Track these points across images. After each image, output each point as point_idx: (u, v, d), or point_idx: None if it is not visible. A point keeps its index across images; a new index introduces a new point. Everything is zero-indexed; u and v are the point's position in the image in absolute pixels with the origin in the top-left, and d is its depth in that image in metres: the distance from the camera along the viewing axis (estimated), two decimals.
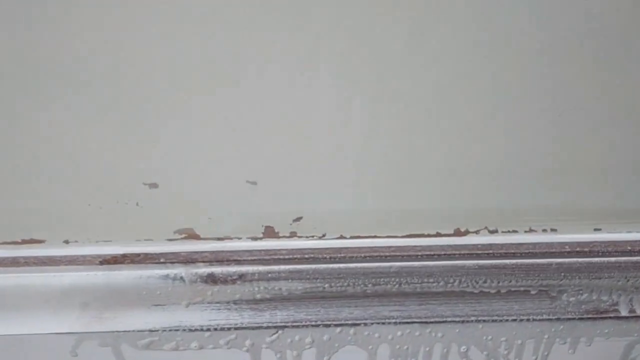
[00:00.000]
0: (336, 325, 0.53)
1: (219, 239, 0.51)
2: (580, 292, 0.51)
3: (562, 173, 0.49)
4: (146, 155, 0.46)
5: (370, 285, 0.51)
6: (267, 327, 0.53)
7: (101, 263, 0.50)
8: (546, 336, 0.54)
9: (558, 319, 0.52)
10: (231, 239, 0.51)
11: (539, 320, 0.53)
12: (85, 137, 0.45)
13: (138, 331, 0.52)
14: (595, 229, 0.51)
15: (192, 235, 0.51)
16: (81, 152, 0.46)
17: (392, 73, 0.43)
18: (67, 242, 0.50)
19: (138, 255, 0.50)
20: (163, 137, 0.46)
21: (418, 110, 0.45)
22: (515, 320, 0.52)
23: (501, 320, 0.52)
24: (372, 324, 0.52)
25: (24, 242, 0.50)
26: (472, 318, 0.52)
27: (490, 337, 0.54)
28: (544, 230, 0.51)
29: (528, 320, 0.52)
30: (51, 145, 0.45)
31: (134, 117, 0.44)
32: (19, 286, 0.50)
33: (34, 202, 0.48)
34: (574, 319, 0.52)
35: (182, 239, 0.51)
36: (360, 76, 0.43)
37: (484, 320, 0.52)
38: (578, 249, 0.50)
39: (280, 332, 0.53)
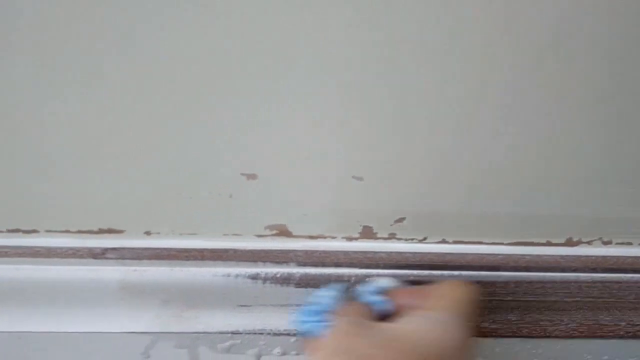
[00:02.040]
0: None
1: (311, 237, 0.47)
2: None
3: None
4: (245, 145, 0.42)
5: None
6: None
7: (186, 258, 0.46)
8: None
9: None
10: (325, 237, 0.47)
11: None
12: (180, 122, 0.41)
13: (220, 333, 0.48)
14: None
15: (283, 232, 0.47)
16: (172, 140, 0.42)
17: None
18: (148, 233, 0.46)
19: (226, 251, 0.46)
20: (264, 125, 0.42)
21: (535, 114, 0.42)
22: (622, 337, 0.49)
23: (608, 337, 0.49)
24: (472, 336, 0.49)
25: (101, 231, 0.46)
26: (577, 334, 0.49)
27: (590, 355, 0.50)
28: None
29: (634, 338, 0.49)
30: (139, 129, 0.41)
31: (234, 104, 0.41)
32: (94, 280, 0.46)
33: (114, 187, 0.44)
34: None
35: (272, 235, 0.47)
36: (486, 80, 0.40)
37: (588, 337, 0.49)
38: None
39: None
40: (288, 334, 0.48)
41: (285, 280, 0.46)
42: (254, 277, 0.46)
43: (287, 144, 0.42)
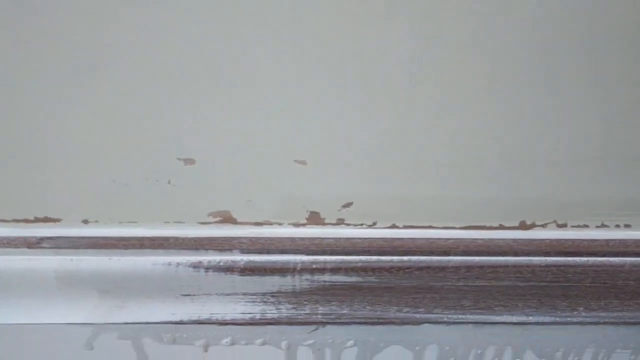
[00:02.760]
0: (382, 324, 0.48)
1: (257, 223, 0.46)
2: None
3: (636, 164, 0.44)
4: (182, 129, 0.41)
5: (424, 280, 0.46)
6: (306, 323, 0.47)
7: (125, 247, 0.44)
8: (609, 341, 0.49)
9: (625, 323, 0.48)
10: (271, 224, 0.46)
11: (603, 323, 0.48)
12: (113, 106, 0.39)
13: (163, 323, 0.46)
14: None
15: (227, 219, 0.45)
16: (107, 123, 0.40)
17: (457, 61, 0.38)
18: (86, 222, 0.44)
19: (167, 239, 0.44)
20: (202, 108, 0.40)
21: (482, 94, 0.40)
22: (579, 323, 0.48)
23: (564, 323, 0.47)
24: (422, 323, 0.47)
25: (37, 220, 0.44)
26: (532, 320, 0.47)
27: (548, 342, 0.49)
28: (617, 226, 0.46)
29: (592, 324, 0.48)
30: (72, 114, 0.40)
31: (168, 86, 0.39)
32: (30, 270, 0.44)
33: (49, 175, 0.42)
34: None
35: (216, 222, 0.45)
36: (427, 61, 0.38)
37: (545, 323, 0.48)
38: None
39: (320, 328, 0.48)
40: (234, 323, 0.46)
41: (229, 268, 0.45)
42: (196, 266, 0.45)
43: (225, 127, 0.41)
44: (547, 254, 0.45)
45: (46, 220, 0.44)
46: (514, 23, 0.38)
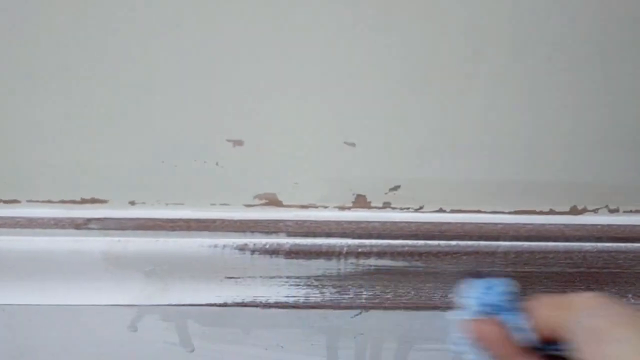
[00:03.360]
0: (427, 309, 0.47)
1: (303, 206, 0.45)
2: None
3: None
4: (231, 111, 0.40)
5: (472, 265, 0.45)
6: (350, 308, 0.47)
7: (172, 229, 0.44)
8: None
9: None
10: (317, 207, 0.45)
11: None
12: (162, 88, 0.39)
13: (207, 305, 0.46)
14: None
15: (273, 202, 0.45)
16: (155, 104, 0.40)
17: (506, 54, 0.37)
18: (133, 203, 0.44)
19: (214, 221, 0.44)
20: (250, 90, 0.39)
21: (537, 77, 0.39)
22: None
23: None
24: None
25: (83, 201, 0.44)
26: None
27: None
28: None
29: None
30: (121, 95, 0.39)
31: (216, 68, 0.38)
32: (77, 252, 0.44)
33: (97, 155, 0.42)
34: None
35: (261, 204, 0.45)
36: (480, 51, 0.37)
37: None
38: None
39: (363, 313, 0.47)
40: (277, 306, 0.46)
41: (275, 251, 0.44)
42: (242, 248, 0.44)
43: (274, 109, 0.40)
44: (599, 239, 0.44)
45: (93, 201, 0.44)
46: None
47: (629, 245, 0.45)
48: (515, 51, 0.38)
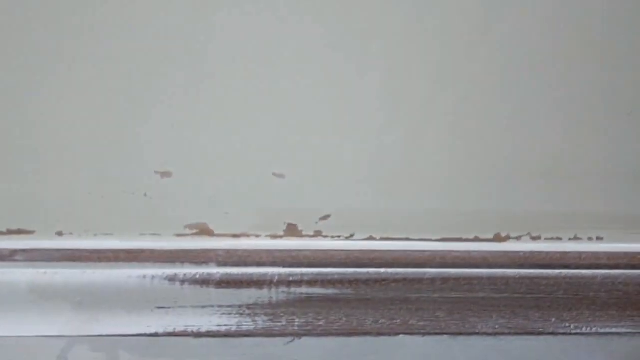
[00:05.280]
0: (359, 335, 0.48)
1: (234, 235, 0.46)
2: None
3: (610, 177, 0.45)
4: (159, 142, 0.41)
5: (400, 292, 0.46)
6: (283, 335, 0.47)
7: (100, 260, 0.44)
8: (580, 352, 0.50)
9: (596, 334, 0.49)
10: (248, 236, 0.46)
11: (575, 334, 0.49)
12: (88, 119, 0.39)
13: (138, 335, 0.46)
14: None
15: (204, 231, 0.45)
16: (82, 137, 0.40)
17: (439, 72, 0.38)
18: (60, 234, 0.44)
19: (143, 251, 0.44)
20: (179, 121, 0.40)
21: (460, 109, 0.41)
22: (551, 334, 0.48)
23: (536, 334, 0.48)
24: (398, 334, 0.48)
25: (10, 232, 0.44)
26: (507, 331, 0.48)
27: (522, 352, 0.50)
28: (590, 239, 0.47)
29: (564, 334, 0.49)
30: (47, 128, 0.39)
31: (143, 100, 0.39)
32: (3, 283, 0.43)
33: (23, 187, 0.42)
34: (612, 333, 0.49)
35: (192, 234, 0.45)
36: (406, 76, 0.38)
37: (518, 334, 0.48)
38: (626, 260, 0.46)
39: (296, 340, 0.48)
40: (209, 335, 0.46)
41: (205, 281, 0.45)
42: (172, 279, 0.44)
43: (201, 140, 0.41)
44: (521, 266, 0.46)
45: (20, 232, 0.44)
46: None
47: (550, 271, 0.46)
48: (438, 86, 0.40)
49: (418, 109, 0.41)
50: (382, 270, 0.46)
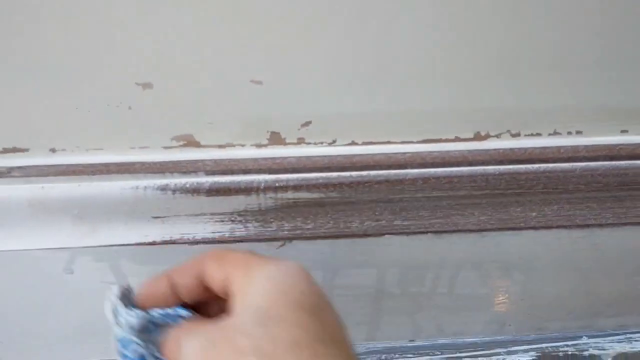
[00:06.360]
0: (346, 237, 0.50)
1: (220, 146, 0.47)
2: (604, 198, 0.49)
3: (586, 69, 0.45)
4: (138, 52, 0.41)
5: (383, 193, 0.48)
6: (274, 239, 0.50)
7: (93, 173, 0.46)
8: (562, 245, 0.52)
9: (577, 226, 0.50)
10: (233, 146, 0.47)
11: (556, 227, 0.51)
12: (69, 34, 0.40)
13: (137, 244, 0.48)
14: (622, 131, 0.48)
15: (191, 143, 0.47)
16: (64, 50, 0.41)
17: None
18: (53, 150, 0.46)
19: (133, 164, 0.46)
20: (156, 31, 0.40)
21: (435, 6, 0.41)
22: (532, 228, 0.50)
23: (518, 229, 0.50)
24: (384, 234, 0.50)
25: (5, 150, 0.46)
26: (489, 227, 0.50)
27: (505, 247, 0.52)
28: (569, 133, 0.48)
29: (545, 228, 0.50)
30: (29, 43, 0.40)
31: (119, 9, 0.39)
32: (1, 199, 0.46)
33: (15, 107, 0.43)
34: (593, 225, 0.50)
35: (180, 146, 0.47)
36: None
37: (500, 229, 0.50)
38: (605, 152, 0.47)
39: (287, 244, 0.50)
40: (205, 242, 0.49)
41: (195, 190, 0.47)
42: (164, 189, 0.46)
43: (179, 50, 0.41)
44: (501, 162, 0.47)
45: (14, 150, 0.45)
46: None
47: (528, 166, 0.48)
48: None
49: (392, 3, 0.40)
50: (365, 172, 0.47)
